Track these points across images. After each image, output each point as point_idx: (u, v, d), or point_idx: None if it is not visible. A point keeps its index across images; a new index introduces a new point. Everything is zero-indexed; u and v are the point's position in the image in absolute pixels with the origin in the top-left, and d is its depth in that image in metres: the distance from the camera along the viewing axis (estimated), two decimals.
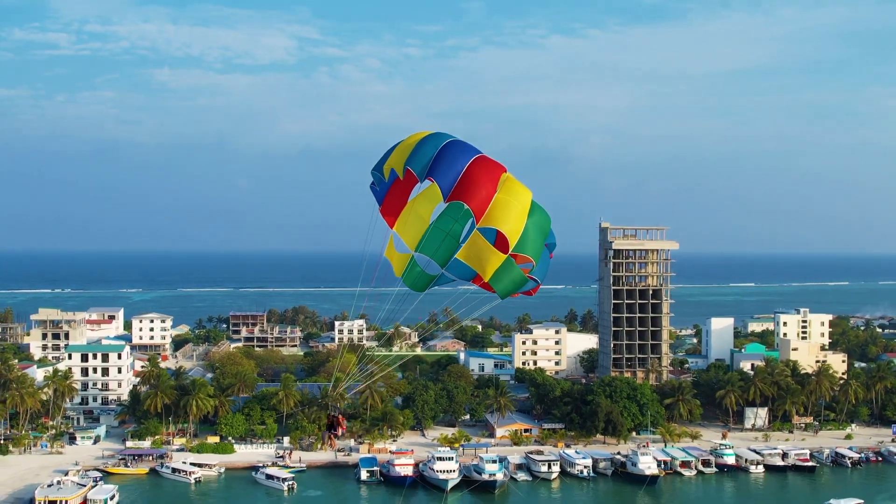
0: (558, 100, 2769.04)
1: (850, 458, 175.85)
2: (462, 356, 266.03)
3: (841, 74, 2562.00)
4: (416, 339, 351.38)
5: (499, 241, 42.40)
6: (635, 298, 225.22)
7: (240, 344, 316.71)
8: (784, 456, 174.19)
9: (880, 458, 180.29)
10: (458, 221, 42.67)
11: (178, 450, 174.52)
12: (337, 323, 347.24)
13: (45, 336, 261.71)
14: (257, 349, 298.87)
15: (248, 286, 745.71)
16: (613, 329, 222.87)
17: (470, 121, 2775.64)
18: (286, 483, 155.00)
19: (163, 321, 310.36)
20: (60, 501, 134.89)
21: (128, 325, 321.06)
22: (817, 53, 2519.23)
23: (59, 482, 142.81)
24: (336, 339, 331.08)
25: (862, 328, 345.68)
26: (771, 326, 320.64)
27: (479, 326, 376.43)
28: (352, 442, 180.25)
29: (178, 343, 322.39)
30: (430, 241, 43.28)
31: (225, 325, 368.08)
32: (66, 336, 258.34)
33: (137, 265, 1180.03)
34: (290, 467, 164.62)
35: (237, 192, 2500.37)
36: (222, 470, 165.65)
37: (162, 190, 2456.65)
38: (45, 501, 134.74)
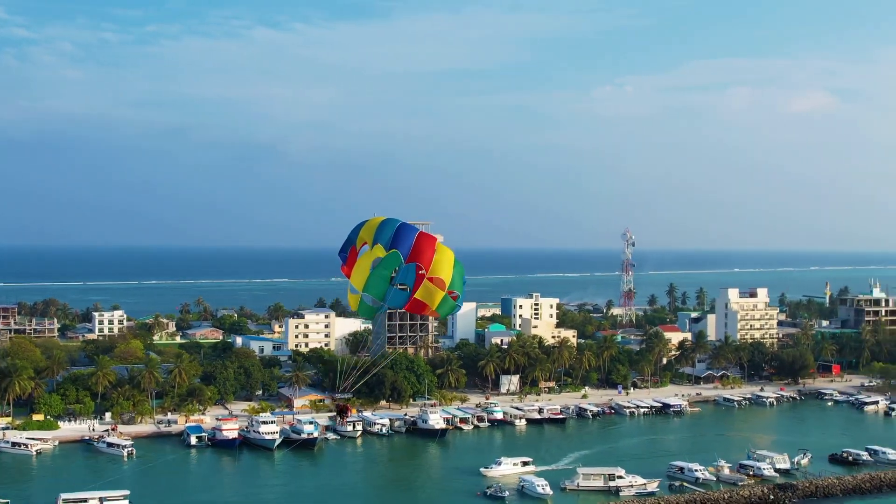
0: (266, 93, 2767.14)
1: (590, 412, 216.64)
2: (239, 340, 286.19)
3: (532, 78, 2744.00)
4: (174, 329, 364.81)
5: (438, 283, 73.13)
6: None
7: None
8: (540, 411, 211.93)
9: (613, 411, 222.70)
10: (388, 272, 71.68)
11: (3, 428, 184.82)
12: (96, 314, 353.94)
13: None
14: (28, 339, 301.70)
15: None
16: (388, 311, 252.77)
17: (174, 111, 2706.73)
18: (125, 450, 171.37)
19: None
20: None
21: None
22: (511, 57, 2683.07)
23: None
24: (96, 330, 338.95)
25: (576, 311, 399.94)
26: (497, 311, 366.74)
27: (235, 315, 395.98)
28: (169, 414, 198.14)
29: None
30: (371, 285, 71.94)
31: None
32: None
33: None
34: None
35: None
36: (56, 443, 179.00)
37: None
38: None
